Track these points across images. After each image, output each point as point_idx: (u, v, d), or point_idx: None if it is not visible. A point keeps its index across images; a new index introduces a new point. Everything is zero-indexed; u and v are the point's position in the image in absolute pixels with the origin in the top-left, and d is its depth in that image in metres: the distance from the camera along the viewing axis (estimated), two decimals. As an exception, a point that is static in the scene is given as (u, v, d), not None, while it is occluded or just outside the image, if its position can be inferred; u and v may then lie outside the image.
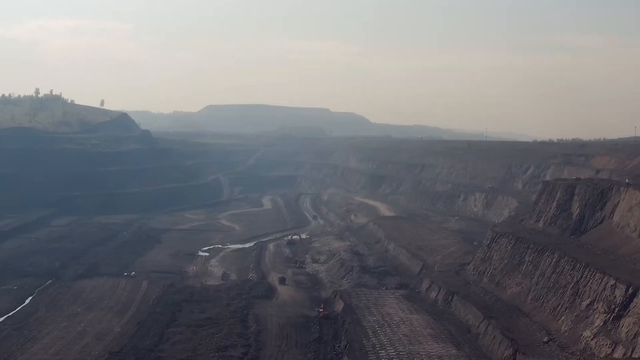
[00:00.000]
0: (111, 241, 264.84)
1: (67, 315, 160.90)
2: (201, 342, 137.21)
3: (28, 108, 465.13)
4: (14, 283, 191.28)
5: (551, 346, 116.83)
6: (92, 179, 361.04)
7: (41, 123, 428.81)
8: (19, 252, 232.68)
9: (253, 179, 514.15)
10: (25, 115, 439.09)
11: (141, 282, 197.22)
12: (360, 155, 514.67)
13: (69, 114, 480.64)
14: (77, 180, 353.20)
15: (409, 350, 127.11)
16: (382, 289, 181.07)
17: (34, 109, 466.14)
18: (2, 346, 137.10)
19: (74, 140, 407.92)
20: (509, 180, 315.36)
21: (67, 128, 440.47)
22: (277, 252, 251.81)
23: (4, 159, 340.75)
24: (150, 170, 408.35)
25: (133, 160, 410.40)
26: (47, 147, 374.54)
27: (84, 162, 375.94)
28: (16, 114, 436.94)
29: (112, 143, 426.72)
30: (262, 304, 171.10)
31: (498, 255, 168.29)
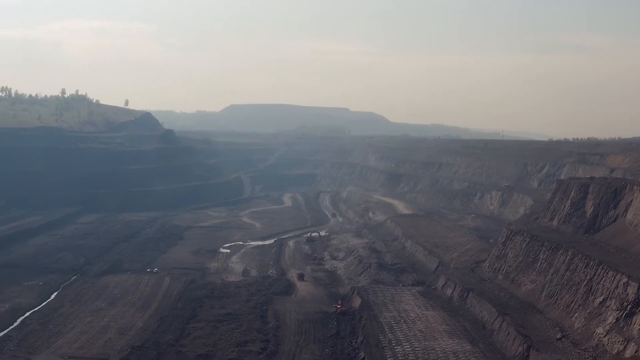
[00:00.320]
0: (135, 238, 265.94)
1: (91, 310, 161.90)
2: (221, 337, 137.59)
3: (54, 108, 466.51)
4: (40, 279, 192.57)
5: (564, 343, 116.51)
6: (116, 177, 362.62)
7: (67, 122, 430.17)
8: (44, 249, 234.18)
9: (274, 177, 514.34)
10: (52, 115, 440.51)
11: (163, 278, 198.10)
12: (378, 154, 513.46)
13: (94, 114, 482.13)
14: (102, 178, 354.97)
15: (424, 346, 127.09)
16: (398, 286, 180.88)
17: (60, 108, 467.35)
18: (28, 340, 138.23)
19: (99, 139, 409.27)
20: (525, 179, 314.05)
21: (92, 127, 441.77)
22: (297, 249, 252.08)
23: (31, 158, 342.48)
24: (173, 169, 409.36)
25: (156, 159, 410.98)
26: (72, 146, 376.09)
27: (109, 160, 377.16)
28: (43, 113, 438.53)
29: (135, 142, 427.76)
30: (281, 300, 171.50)
31: (513, 253, 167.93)
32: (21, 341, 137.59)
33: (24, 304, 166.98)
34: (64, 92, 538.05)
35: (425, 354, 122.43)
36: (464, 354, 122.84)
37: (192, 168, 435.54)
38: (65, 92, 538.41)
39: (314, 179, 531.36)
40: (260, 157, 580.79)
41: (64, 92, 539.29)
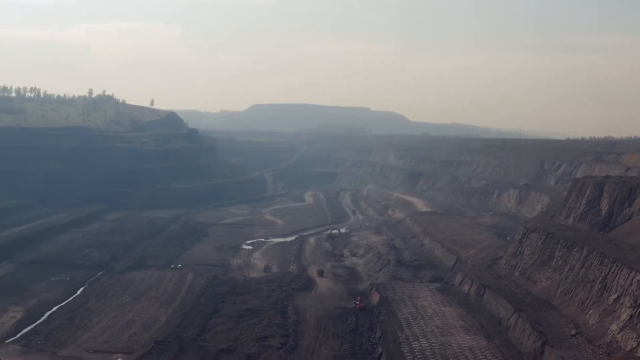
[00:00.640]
0: (159, 235, 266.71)
1: (116, 306, 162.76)
2: (242, 332, 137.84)
3: (82, 108, 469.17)
4: (67, 275, 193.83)
5: (578, 339, 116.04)
6: (142, 175, 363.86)
7: (94, 122, 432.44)
8: (72, 245, 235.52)
9: (296, 176, 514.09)
10: (79, 114, 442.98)
11: (187, 274, 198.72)
12: (398, 153, 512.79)
13: (120, 114, 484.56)
14: (128, 176, 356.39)
15: (441, 342, 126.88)
16: (416, 282, 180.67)
17: (87, 108, 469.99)
18: (54, 334, 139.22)
19: (125, 138, 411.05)
20: (542, 177, 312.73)
21: (118, 127, 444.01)
22: (317, 246, 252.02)
23: (59, 157, 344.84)
24: (197, 167, 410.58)
25: (181, 158, 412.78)
26: (99, 145, 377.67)
27: (134, 159, 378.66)
28: (70, 113, 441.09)
29: (160, 141, 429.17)
30: (302, 296, 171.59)
31: (529, 250, 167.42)
32: (48, 335, 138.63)
33: (51, 299, 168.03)
34: (91, 93, 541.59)
35: (441, 350, 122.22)
36: (479, 349, 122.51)
37: (215, 166, 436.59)
38: (92, 93, 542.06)
39: (335, 177, 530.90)
40: (283, 156, 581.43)
41: (91, 92, 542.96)
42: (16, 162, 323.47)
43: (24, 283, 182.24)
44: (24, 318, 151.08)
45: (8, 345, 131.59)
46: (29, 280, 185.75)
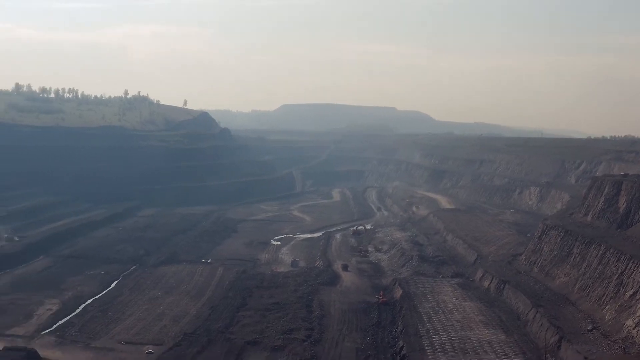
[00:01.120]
0: (191, 231, 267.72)
1: (148, 299, 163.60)
2: (268, 325, 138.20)
3: (118, 108, 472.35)
4: (102, 269, 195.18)
5: (595, 334, 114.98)
6: (175, 173, 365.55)
7: (129, 122, 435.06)
8: (107, 241, 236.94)
9: (323, 173, 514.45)
10: (115, 114, 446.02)
11: (217, 268, 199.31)
12: (423, 151, 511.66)
13: (155, 114, 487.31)
14: (161, 174, 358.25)
15: (460, 336, 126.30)
16: (438, 278, 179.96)
17: (123, 108, 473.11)
18: (88, 326, 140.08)
19: (159, 137, 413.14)
20: (563, 175, 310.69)
21: (152, 126, 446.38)
22: (343, 242, 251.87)
23: (95, 155, 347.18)
24: (228, 165, 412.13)
25: (212, 156, 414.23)
26: (134, 144, 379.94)
27: (168, 157, 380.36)
28: (107, 113, 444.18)
29: (193, 140, 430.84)
30: (327, 290, 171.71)
31: (548, 247, 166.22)
32: (82, 327, 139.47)
33: (86, 292, 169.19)
34: (127, 93, 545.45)
35: (461, 344, 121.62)
36: (498, 343, 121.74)
37: (246, 164, 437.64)
38: (128, 93, 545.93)
39: (361, 174, 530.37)
40: (311, 154, 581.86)
41: (127, 93, 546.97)
42: (55, 161, 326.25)
43: (60, 277, 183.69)
44: (60, 310, 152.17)
45: (44, 337, 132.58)
46: (66, 274, 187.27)
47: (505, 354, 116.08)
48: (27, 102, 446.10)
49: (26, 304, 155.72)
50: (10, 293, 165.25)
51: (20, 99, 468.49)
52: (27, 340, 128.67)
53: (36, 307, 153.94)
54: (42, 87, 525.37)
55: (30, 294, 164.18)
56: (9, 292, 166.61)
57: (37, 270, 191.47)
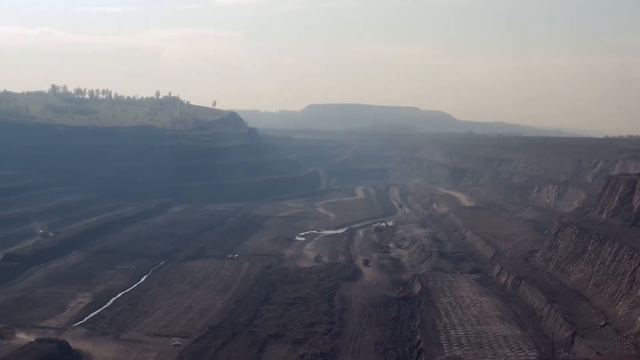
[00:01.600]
0: (219, 227, 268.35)
1: (176, 293, 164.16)
2: (291, 319, 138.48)
3: (149, 108, 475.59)
4: (132, 263, 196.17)
5: (607, 330, 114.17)
6: (204, 171, 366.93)
7: (160, 122, 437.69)
8: (138, 236, 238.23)
9: (348, 171, 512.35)
10: (147, 114, 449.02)
11: (243, 263, 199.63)
12: (444, 150, 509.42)
13: (185, 114, 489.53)
14: (191, 172, 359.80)
15: (476, 330, 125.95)
16: (457, 273, 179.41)
17: (154, 109, 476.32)
18: (118, 319, 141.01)
19: (189, 136, 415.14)
20: (580, 174, 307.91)
21: (182, 126, 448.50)
22: (366, 238, 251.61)
23: (128, 154, 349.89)
24: (255, 164, 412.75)
25: (240, 155, 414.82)
26: (165, 143, 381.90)
27: (197, 156, 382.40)
28: (139, 113, 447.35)
29: (222, 139, 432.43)
30: (348, 285, 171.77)
31: (564, 244, 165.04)
32: (112, 320, 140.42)
33: (117, 285, 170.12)
34: (158, 94, 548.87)
35: (477, 338, 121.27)
36: (513, 338, 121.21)
37: (273, 163, 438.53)
38: (159, 94, 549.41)
39: (385, 172, 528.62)
40: (336, 153, 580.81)
41: (158, 94, 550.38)
42: (88, 159, 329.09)
43: (92, 271, 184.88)
44: (91, 303, 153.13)
45: (75, 329, 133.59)
46: (97, 268, 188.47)
47: (519, 348, 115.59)
48: (63, 103, 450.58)
49: (59, 297, 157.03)
50: (44, 286, 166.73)
51: (56, 99, 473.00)
52: (60, 332, 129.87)
53: (69, 300, 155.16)
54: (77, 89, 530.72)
55: (63, 288, 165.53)
56: (44, 285, 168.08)
57: (70, 264, 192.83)
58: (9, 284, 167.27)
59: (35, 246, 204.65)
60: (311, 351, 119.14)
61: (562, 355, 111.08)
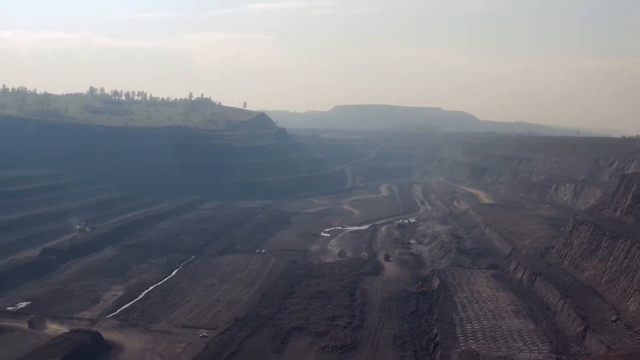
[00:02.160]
0: (248, 223, 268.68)
1: (205, 286, 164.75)
2: (313, 312, 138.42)
3: (183, 109, 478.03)
4: (164, 257, 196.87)
5: (618, 325, 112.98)
6: (235, 169, 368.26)
7: (193, 122, 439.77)
8: (170, 232, 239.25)
9: (373, 170, 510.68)
10: (180, 115, 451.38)
11: (270, 258, 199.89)
12: (466, 149, 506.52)
13: (216, 114, 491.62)
14: (222, 170, 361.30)
15: (492, 324, 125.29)
16: (474, 269, 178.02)
17: (187, 110, 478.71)
18: (149, 311, 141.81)
19: (220, 136, 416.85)
20: (597, 173, 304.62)
21: (214, 126, 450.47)
22: (388, 234, 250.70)
23: (162, 152, 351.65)
24: (284, 162, 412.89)
25: (269, 153, 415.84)
26: (197, 142, 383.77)
27: (228, 155, 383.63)
28: (173, 114, 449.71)
29: (252, 138, 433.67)
30: (370, 280, 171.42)
31: (578, 241, 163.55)
32: (143, 312, 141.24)
33: (149, 279, 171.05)
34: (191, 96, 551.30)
35: (491, 332, 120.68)
36: (527, 332, 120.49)
37: (300, 161, 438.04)
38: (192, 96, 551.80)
39: (408, 171, 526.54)
40: (362, 152, 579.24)
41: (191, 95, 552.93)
42: (124, 158, 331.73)
43: (126, 265, 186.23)
44: (124, 296, 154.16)
45: (108, 320, 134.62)
46: (131, 262, 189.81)
47: (532, 342, 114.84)
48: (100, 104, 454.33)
49: (94, 290, 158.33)
50: (80, 279, 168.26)
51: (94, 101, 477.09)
52: (93, 323, 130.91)
53: (103, 292, 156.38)
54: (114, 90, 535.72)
55: (98, 281, 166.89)
56: (80, 278, 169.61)
57: (105, 258, 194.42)
58: (47, 277, 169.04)
59: (73, 241, 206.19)
60: (332, 343, 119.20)
61: (574, 349, 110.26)
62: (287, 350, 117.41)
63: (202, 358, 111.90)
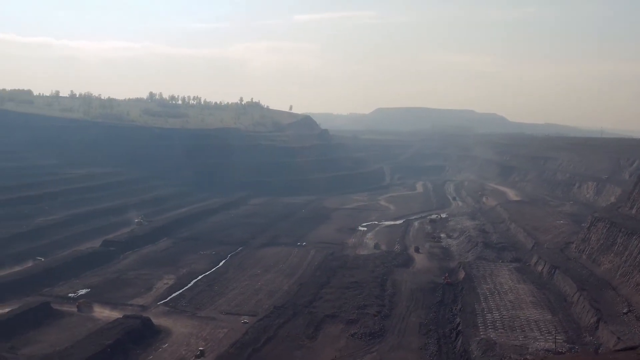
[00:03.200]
0: (291, 217, 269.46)
1: (249, 276, 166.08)
2: (346, 301, 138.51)
3: (233, 112, 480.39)
4: (213, 249, 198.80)
5: (629, 317, 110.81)
6: (281, 167, 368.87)
7: (243, 124, 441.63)
8: (220, 225, 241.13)
9: (409, 168, 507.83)
10: (231, 118, 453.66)
11: (310, 250, 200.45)
12: (496, 149, 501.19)
13: (265, 117, 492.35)
14: (269, 168, 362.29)
15: (511, 315, 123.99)
16: (498, 262, 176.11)
17: (238, 113, 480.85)
18: (196, 298, 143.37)
19: (268, 137, 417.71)
20: (618, 172, 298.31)
21: (262, 128, 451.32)
22: (420, 229, 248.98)
23: (214, 152, 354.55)
24: (326, 161, 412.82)
25: (313, 153, 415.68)
26: (246, 143, 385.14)
27: (275, 154, 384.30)
28: (224, 117, 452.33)
29: (297, 139, 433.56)
30: (400, 271, 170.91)
31: (595, 237, 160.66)
32: (191, 299, 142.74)
33: (198, 269, 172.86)
34: (242, 100, 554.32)
35: (510, 322, 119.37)
36: (544, 322, 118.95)
37: (342, 160, 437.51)
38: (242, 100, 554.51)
39: (442, 169, 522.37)
40: (400, 151, 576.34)
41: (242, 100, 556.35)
42: (180, 157, 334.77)
43: (178, 255, 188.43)
44: (175, 284, 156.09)
45: (159, 307, 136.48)
46: (182, 253, 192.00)
47: (548, 331, 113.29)
48: (158, 108, 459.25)
49: (148, 278, 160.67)
50: (136, 269, 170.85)
51: (153, 105, 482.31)
52: (145, 309, 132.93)
53: (156, 281, 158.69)
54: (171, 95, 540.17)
55: (152, 270, 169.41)
56: (136, 268, 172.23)
57: (160, 249, 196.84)
58: (106, 267, 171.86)
59: (130, 233, 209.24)
60: (361, 330, 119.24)
61: (587, 339, 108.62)
62: (320, 336, 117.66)
63: (242, 342, 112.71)
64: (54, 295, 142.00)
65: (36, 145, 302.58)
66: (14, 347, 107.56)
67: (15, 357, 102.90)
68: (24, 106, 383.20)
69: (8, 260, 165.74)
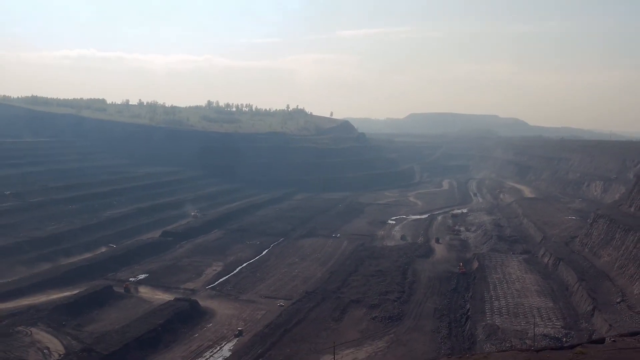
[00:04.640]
0: (329, 211, 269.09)
1: (287, 264, 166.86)
2: (370, 288, 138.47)
3: (280, 118, 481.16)
4: (258, 239, 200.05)
5: (621, 306, 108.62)
6: (322, 167, 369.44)
7: (289, 129, 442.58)
8: (265, 218, 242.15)
9: (437, 167, 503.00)
10: (279, 123, 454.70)
11: (343, 241, 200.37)
12: (515, 151, 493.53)
13: (308, 122, 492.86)
14: (312, 167, 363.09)
15: (516, 302, 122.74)
16: (509, 254, 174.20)
17: (285, 118, 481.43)
18: (240, 284, 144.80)
19: (311, 140, 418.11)
20: (624, 172, 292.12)
21: (306, 132, 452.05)
22: (443, 222, 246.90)
23: (263, 154, 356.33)
24: (362, 161, 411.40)
25: (351, 154, 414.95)
26: (292, 145, 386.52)
27: (317, 155, 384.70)
28: (272, 122, 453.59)
29: (337, 142, 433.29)
30: (421, 261, 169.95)
31: (597, 232, 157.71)
32: (236, 284, 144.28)
33: (244, 257, 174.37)
34: (288, 107, 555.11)
35: (515, 308, 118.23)
36: (545, 309, 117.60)
37: (376, 160, 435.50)
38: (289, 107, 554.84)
39: (467, 168, 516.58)
40: (429, 152, 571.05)
41: (288, 107, 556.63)
42: (233, 158, 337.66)
43: (227, 245, 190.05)
44: (222, 271, 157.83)
45: (207, 290, 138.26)
46: (231, 243, 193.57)
47: (548, 318, 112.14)
48: (215, 115, 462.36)
49: (200, 265, 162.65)
50: (190, 256, 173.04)
51: (210, 112, 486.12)
52: (194, 293, 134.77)
53: (206, 267, 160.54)
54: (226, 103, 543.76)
55: (204, 258, 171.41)
56: (190, 255, 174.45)
57: (211, 239, 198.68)
58: (164, 254, 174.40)
59: (187, 225, 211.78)
60: (382, 314, 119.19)
61: (583, 325, 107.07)
62: (345, 319, 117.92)
63: (276, 323, 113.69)
64: (117, 279, 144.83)
65: (109, 147, 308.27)
66: (79, 324, 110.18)
67: (79, 333, 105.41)
68: (98, 113, 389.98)
69: (79, 248, 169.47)
